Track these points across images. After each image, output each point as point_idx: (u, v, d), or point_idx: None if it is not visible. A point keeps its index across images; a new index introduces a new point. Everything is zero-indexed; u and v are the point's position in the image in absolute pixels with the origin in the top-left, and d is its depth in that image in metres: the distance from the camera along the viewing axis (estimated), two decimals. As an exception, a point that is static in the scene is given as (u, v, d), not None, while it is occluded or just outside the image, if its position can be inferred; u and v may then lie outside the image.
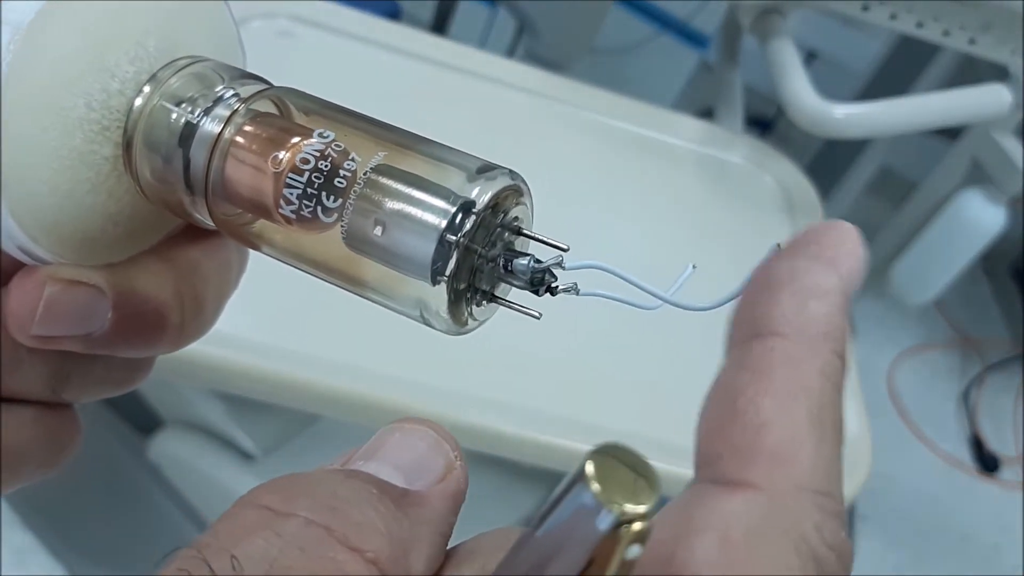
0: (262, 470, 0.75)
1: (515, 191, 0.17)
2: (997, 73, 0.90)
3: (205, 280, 0.20)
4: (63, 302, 0.18)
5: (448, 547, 0.16)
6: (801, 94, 0.80)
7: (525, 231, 0.17)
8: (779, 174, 0.88)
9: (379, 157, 0.17)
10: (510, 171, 0.17)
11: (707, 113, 1.06)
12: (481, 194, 0.16)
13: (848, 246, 0.15)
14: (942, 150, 1.34)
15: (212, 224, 0.19)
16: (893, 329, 1.70)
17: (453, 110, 0.78)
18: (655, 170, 0.83)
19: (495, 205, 0.17)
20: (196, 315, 0.20)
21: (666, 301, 0.17)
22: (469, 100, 0.80)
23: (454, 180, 0.16)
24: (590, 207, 0.75)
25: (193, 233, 0.21)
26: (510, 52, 1.40)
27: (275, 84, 0.19)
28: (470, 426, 0.54)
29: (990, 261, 1.76)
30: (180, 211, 0.19)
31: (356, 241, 0.17)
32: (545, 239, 0.17)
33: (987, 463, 1.53)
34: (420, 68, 0.80)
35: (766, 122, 1.80)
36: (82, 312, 0.18)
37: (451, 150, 0.17)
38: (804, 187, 0.87)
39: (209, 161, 0.18)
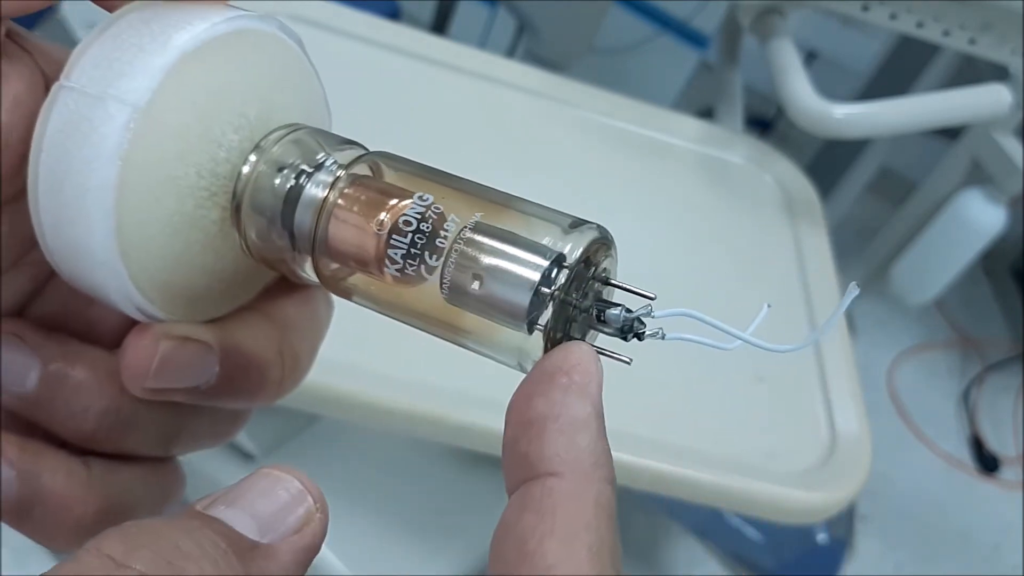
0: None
1: (603, 244, 0.18)
2: (997, 73, 0.90)
3: (302, 337, 0.22)
4: (176, 358, 0.19)
5: None
6: (801, 94, 0.80)
7: (613, 281, 0.19)
8: (779, 174, 0.88)
9: (476, 217, 0.18)
10: (598, 225, 0.18)
11: (707, 113, 1.06)
12: (573, 249, 0.17)
13: (591, 368, 0.17)
14: (942, 150, 1.33)
15: (315, 279, 0.20)
16: (893, 329, 1.70)
17: (453, 110, 0.78)
18: (655, 170, 0.83)
19: (586, 259, 0.18)
20: (294, 370, 0.22)
21: (750, 343, 0.18)
22: (469, 100, 0.80)
23: (547, 236, 0.18)
24: (590, 207, 0.75)
25: (288, 289, 0.22)
26: (510, 52, 1.41)
27: (370, 149, 0.21)
28: (470, 426, 0.54)
29: (990, 261, 1.76)
30: (282, 268, 0.20)
31: (456, 295, 0.18)
32: (633, 289, 0.18)
33: (987, 463, 1.53)
34: (420, 68, 0.80)
35: (766, 122, 1.80)
36: (192, 367, 0.20)
37: (543, 207, 0.19)
38: (804, 187, 0.87)
39: (316, 223, 0.19)
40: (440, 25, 1.35)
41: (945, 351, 1.73)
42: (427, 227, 0.18)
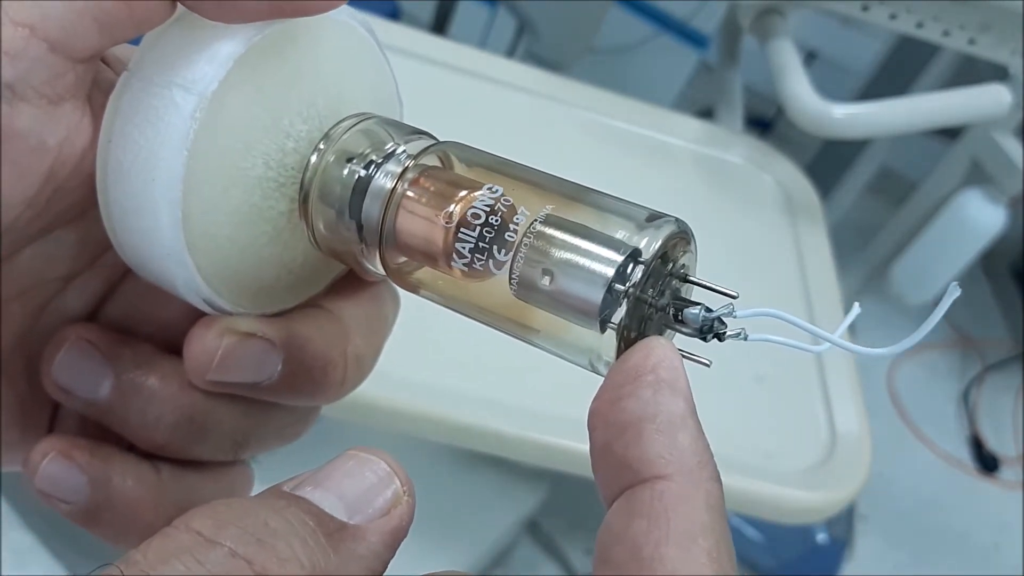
0: (262, 470, 0.75)
1: (682, 239, 0.17)
2: (997, 73, 0.90)
3: (367, 338, 0.21)
4: (238, 353, 0.19)
5: None
6: (801, 94, 0.80)
7: (692, 278, 0.17)
8: (779, 174, 0.88)
9: (547, 209, 0.17)
10: (676, 219, 0.17)
11: (707, 113, 1.06)
12: (650, 243, 0.16)
13: (676, 363, 0.16)
14: (942, 150, 1.33)
15: (381, 271, 0.19)
16: (893, 329, 1.70)
17: (453, 110, 0.78)
18: (655, 170, 0.83)
19: (663, 254, 0.17)
20: (357, 371, 0.21)
21: (837, 344, 0.17)
22: (469, 100, 0.80)
23: (621, 230, 0.17)
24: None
25: (356, 288, 0.22)
26: (510, 52, 1.40)
27: (440, 139, 0.20)
28: (470, 426, 0.54)
29: (990, 261, 1.76)
30: (350, 259, 0.20)
31: (525, 291, 0.17)
32: (714, 287, 0.17)
33: (987, 463, 1.53)
34: (420, 68, 0.80)
35: (766, 122, 1.80)
36: (255, 363, 0.19)
37: (618, 200, 0.18)
38: (804, 187, 0.87)
39: (383, 214, 0.18)
40: (440, 25, 1.35)
41: (945, 351, 1.73)
42: (496, 220, 0.17)
